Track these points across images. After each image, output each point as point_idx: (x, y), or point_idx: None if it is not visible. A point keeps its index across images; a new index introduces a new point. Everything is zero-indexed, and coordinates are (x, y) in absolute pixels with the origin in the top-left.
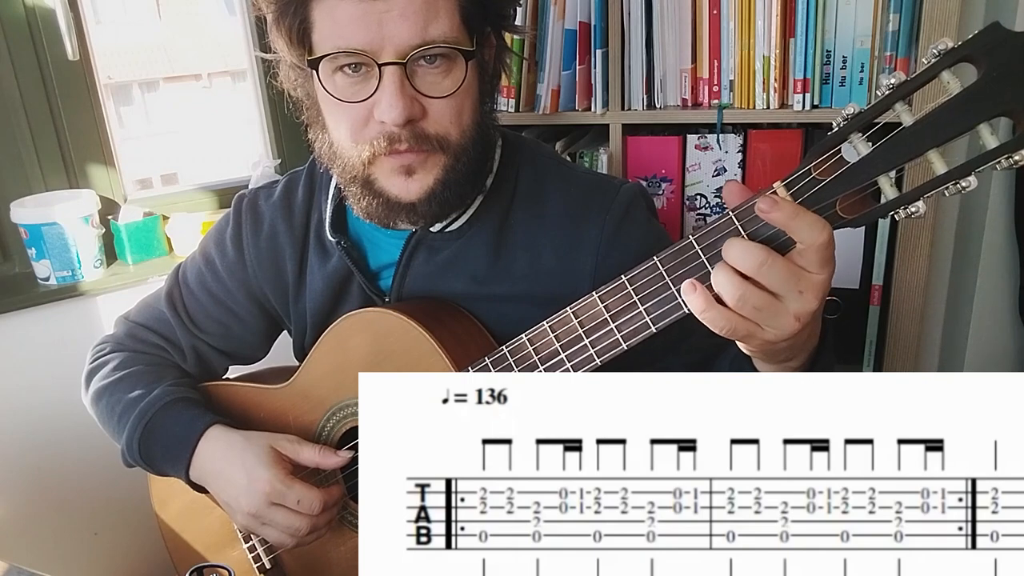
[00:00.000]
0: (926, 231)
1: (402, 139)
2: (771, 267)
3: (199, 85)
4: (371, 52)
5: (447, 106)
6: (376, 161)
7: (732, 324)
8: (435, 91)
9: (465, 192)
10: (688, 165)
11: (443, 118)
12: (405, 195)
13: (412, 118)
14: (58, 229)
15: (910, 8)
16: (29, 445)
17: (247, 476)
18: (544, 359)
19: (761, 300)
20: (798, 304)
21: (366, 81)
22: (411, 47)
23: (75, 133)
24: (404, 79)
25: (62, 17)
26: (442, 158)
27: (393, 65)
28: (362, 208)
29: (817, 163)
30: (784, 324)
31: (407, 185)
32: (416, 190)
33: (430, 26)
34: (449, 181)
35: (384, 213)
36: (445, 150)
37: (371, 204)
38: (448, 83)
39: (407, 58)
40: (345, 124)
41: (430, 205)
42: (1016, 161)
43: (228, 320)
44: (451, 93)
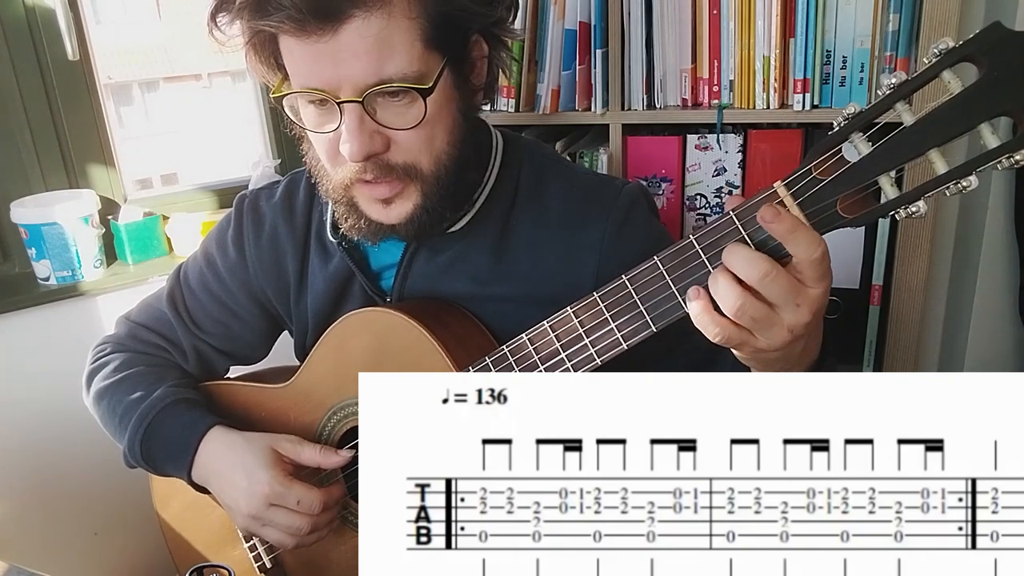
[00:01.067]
0: (926, 231)
1: (368, 171)
2: (774, 280)
3: (199, 85)
4: (330, 90)
5: (414, 136)
6: (353, 187)
7: (727, 332)
8: (399, 123)
9: (447, 213)
10: (688, 165)
11: (411, 148)
12: (385, 219)
13: (372, 153)
14: (58, 229)
15: (910, 8)
16: (29, 445)
17: (247, 478)
18: (544, 359)
19: (759, 311)
20: (793, 317)
21: (331, 114)
22: (367, 86)
23: (75, 133)
24: (363, 115)
25: (62, 17)
26: (416, 185)
27: (351, 103)
28: (349, 226)
29: (818, 163)
30: (776, 335)
31: (386, 212)
32: (396, 216)
33: (385, 64)
34: (428, 206)
35: (370, 232)
36: (415, 178)
37: (357, 223)
38: (413, 114)
39: (364, 95)
40: (322, 151)
41: (411, 228)
42: (1017, 161)
43: (229, 320)
44: (415, 125)
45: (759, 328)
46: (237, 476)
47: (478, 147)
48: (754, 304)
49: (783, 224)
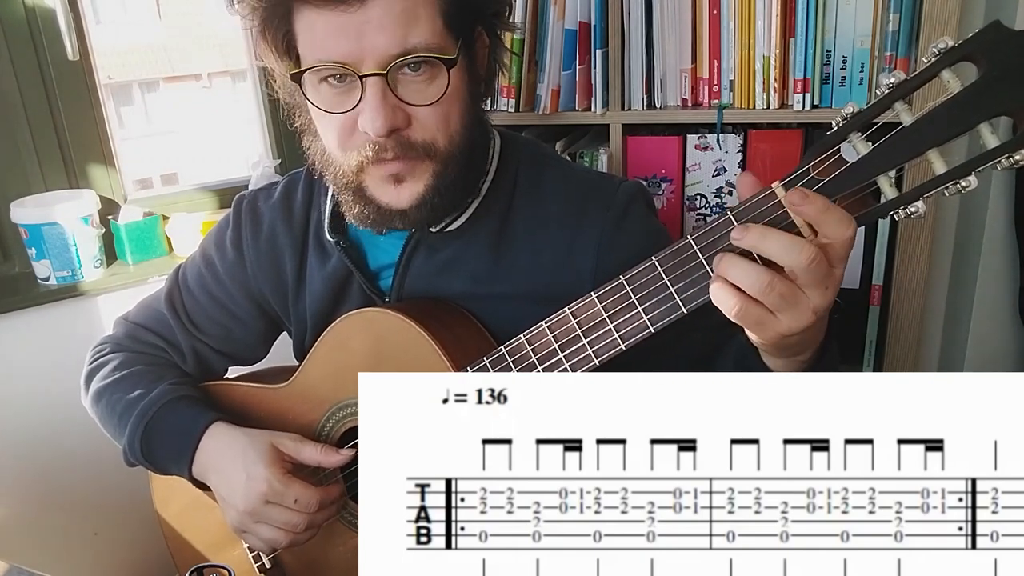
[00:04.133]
0: (926, 231)
1: (388, 148)
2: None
3: (199, 85)
4: (352, 64)
5: (433, 113)
6: (365, 169)
7: (744, 308)
8: (419, 99)
9: (457, 197)
10: (688, 165)
11: (429, 125)
12: (396, 202)
13: (395, 127)
14: (58, 229)
15: (910, 8)
16: (29, 445)
17: (246, 473)
18: (542, 359)
19: (787, 288)
20: (820, 298)
21: (349, 92)
22: (391, 57)
23: (75, 133)
24: (386, 89)
25: (62, 17)
26: (431, 165)
27: (374, 76)
28: (354, 215)
29: (816, 163)
30: (802, 316)
31: (397, 193)
32: (407, 197)
33: (410, 35)
34: (440, 187)
35: (377, 219)
36: (433, 157)
37: (363, 211)
38: (433, 90)
39: (388, 68)
40: (333, 133)
41: (421, 211)
42: (1016, 161)
43: (228, 321)
44: (435, 100)
45: (785, 307)
46: (236, 472)
47: (480, 141)
48: (782, 282)
49: (814, 204)
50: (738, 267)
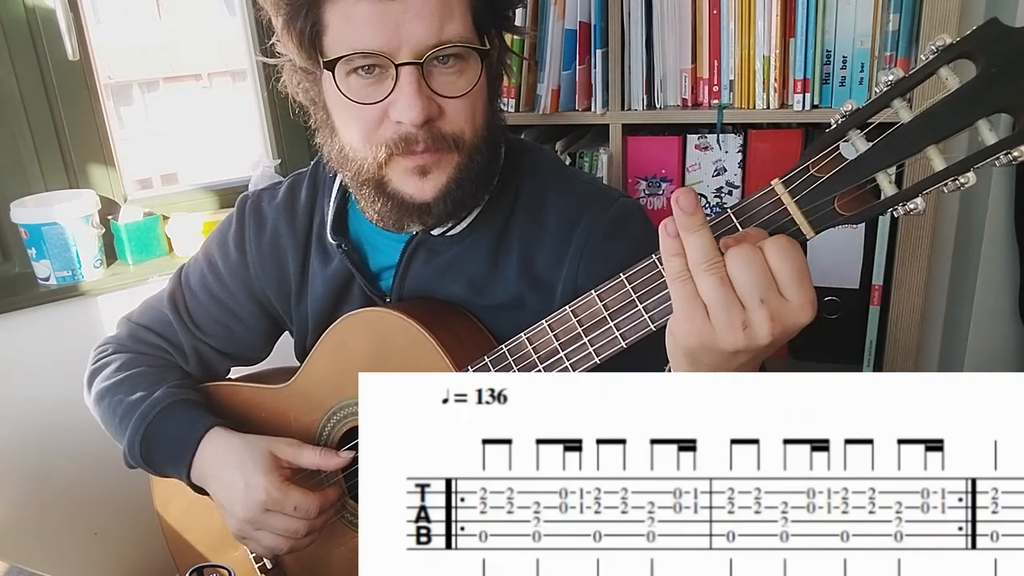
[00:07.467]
0: (926, 231)
1: (419, 140)
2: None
3: (199, 85)
4: (388, 53)
5: (462, 105)
6: (391, 162)
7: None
8: (450, 91)
9: (478, 191)
10: (688, 165)
11: (458, 118)
12: (420, 195)
13: (430, 118)
14: (58, 229)
15: (910, 8)
16: (29, 445)
17: (244, 482)
18: (543, 358)
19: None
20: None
21: (381, 82)
22: (428, 47)
23: (75, 133)
24: (421, 79)
25: (62, 17)
26: (456, 157)
27: (410, 65)
28: (375, 211)
29: (815, 160)
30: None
31: (422, 185)
32: (431, 189)
33: (446, 26)
34: (462, 180)
35: (397, 215)
36: (459, 149)
37: (384, 206)
38: (462, 83)
39: (424, 58)
40: (358, 126)
41: (444, 204)
42: (1015, 157)
43: (230, 322)
44: (466, 92)
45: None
46: (235, 480)
47: (497, 138)
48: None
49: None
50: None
